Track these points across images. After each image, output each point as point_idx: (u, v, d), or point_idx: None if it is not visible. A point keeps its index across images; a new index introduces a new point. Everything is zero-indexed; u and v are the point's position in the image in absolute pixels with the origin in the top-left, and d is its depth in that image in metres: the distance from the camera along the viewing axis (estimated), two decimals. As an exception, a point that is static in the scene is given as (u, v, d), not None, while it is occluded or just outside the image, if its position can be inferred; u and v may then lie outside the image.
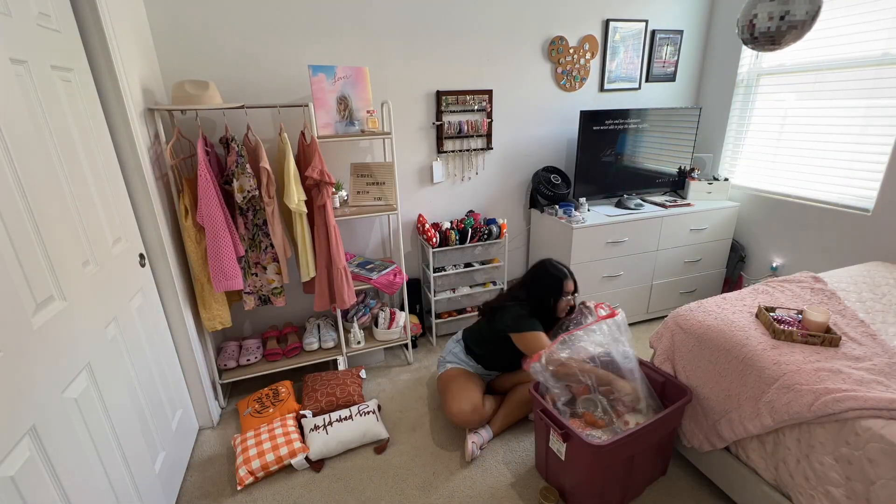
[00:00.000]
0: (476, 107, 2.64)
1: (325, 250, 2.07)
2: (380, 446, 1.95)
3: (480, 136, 2.72)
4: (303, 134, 2.19)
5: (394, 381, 2.46)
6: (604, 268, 2.70)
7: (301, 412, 2.07)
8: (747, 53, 2.84)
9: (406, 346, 2.62)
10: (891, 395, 1.18)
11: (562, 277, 1.99)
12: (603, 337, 1.72)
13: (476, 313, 2.44)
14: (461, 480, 1.79)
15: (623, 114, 2.74)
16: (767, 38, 1.84)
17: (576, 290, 2.04)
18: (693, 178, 2.99)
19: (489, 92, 2.64)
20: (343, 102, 2.17)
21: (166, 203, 1.88)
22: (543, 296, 1.99)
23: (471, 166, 2.79)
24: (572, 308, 2.05)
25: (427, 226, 2.58)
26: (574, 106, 2.87)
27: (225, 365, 2.29)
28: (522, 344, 1.91)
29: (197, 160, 1.80)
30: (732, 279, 3.08)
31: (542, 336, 1.88)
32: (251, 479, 1.77)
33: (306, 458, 1.85)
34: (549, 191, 2.77)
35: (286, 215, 2.14)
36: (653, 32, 2.89)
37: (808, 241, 2.62)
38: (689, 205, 2.83)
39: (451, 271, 2.71)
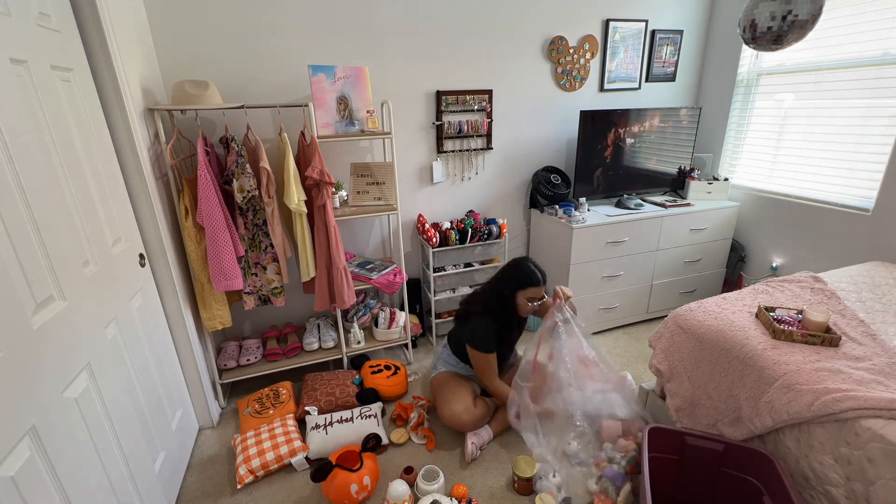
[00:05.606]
0: (476, 107, 2.64)
1: (325, 250, 2.07)
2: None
3: (480, 136, 2.72)
4: (303, 134, 2.19)
5: (394, 380, 2.46)
6: (604, 268, 2.70)
7: (306, 408, 2.07)
8: (747, 53, 2.84)
9: (406, 346, 2.62)
10: (891, 395, 1.18)
11: (530, 277, 1.87)
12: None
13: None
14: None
15: (623, 114, 2.74)
16: (769, 37, 1.84)
17: (543, 299, 1.94)
18: (693, 178, 2.99)
19: (489, 92, 2.64)
20: (343, 102, 2.17)
21: (166, 203, 1.88)
22: (504, 287, 1.92)
23: (471, 166, 2.79)
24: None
25: (427, 226, 2.58)
26: (574, 106, 2.86)
27: (225, 365, 2.29)
28: (473, 359, 1.96)
29: (197, 160, 1.80)
30: (732, 279, 3.08)
31: (490, 359, 1.92)
32: (251, 478, 1.77)
33: (306, 458, 1.85)
34: (549, 191, 2.77)
35: (286, 215, 2.14)
36: (653, 32, 2.89)
37: (808, 241, 2.62)
38: (689, 205, 2.83)
39: (450, 271, 2.71)
